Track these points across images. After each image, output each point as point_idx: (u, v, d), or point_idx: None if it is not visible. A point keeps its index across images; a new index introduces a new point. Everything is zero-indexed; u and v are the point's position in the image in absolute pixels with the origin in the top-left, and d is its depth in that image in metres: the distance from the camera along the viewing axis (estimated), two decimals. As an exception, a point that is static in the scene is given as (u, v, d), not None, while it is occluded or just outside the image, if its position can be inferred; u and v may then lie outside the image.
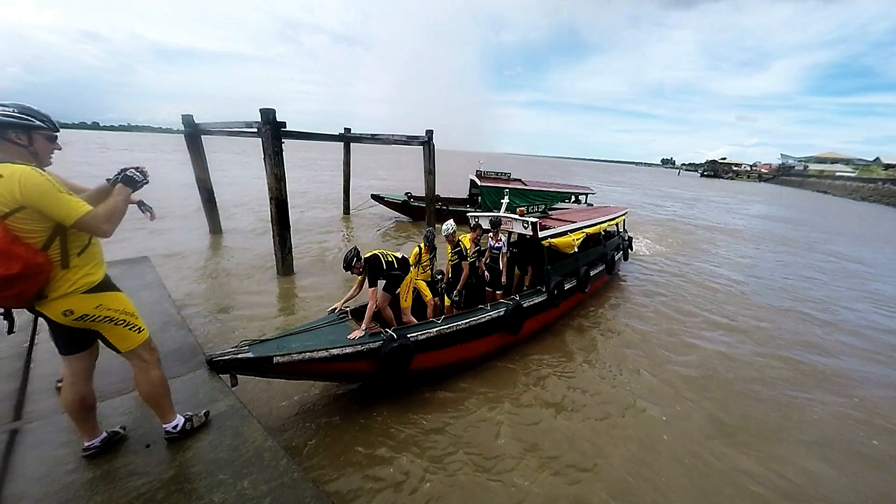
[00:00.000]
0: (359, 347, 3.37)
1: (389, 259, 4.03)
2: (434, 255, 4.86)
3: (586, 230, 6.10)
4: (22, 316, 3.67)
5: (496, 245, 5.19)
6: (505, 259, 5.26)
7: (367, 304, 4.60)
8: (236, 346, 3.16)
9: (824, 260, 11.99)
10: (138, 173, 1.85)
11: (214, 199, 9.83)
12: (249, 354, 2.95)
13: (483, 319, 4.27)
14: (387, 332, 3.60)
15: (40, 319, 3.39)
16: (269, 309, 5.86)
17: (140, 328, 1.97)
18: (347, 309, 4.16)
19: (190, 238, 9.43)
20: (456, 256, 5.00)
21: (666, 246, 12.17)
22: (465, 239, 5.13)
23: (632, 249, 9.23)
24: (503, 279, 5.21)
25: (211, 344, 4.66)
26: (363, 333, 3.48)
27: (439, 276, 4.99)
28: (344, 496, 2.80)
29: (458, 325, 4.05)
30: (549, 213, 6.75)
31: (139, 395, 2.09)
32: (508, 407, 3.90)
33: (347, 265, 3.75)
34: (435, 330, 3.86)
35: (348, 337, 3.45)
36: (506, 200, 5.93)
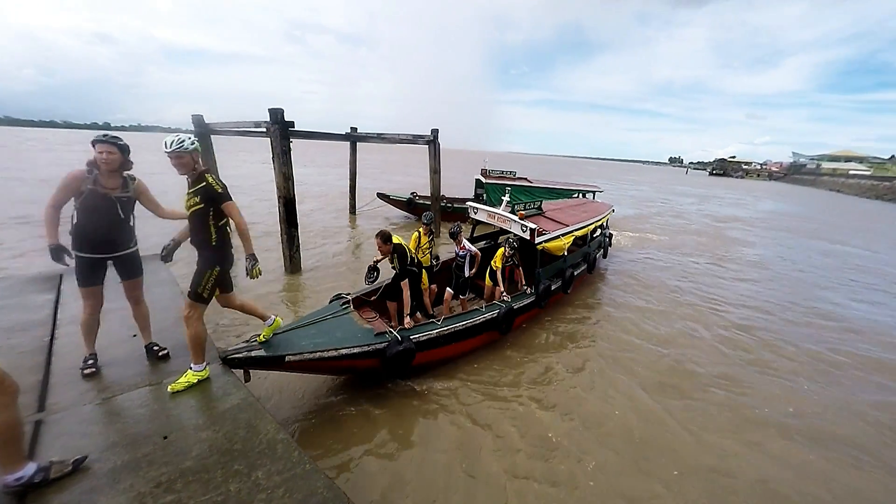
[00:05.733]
0: (365, 348, 3.51)
1: (411, 255, 4.19)
2: (433, 240, 4.94)
3: (576, 233, 6.32)
4: (42, 311, 3.78)
5: (462, 252, 4.98)
6: (478, 263, 5.10)
7: (367, 292, 4.62)
8: (247, 342, 3.24)
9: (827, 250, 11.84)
10: None
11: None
12: (262, 353, 3.05)
13: (479, 321, 4.46)
14: (391, 332, 3.74)
15: (60, 314, 3.50)
16: (278, 306, 5.96)
17: None
18: (349, 298, 4.27)
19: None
20: (511, 261, 5.09)
21: (671, 237, 12.11)
22: (413, 240, 4.84)
23: (611, 245, 9.73)
24: (468, 292, 5.14)
25: (222, 339, 4.75)
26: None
27: (435, 262, 5.06)
28: (353, 486, 2.85)
29: (455, 326, 4.23)
30: (543, 209, 6.90)
31: None
32: (502, 395, 3.97)
33: (385, 239, 3.97)
34: (435, 332, 4.05)
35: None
36: (506, 198, 5.96)
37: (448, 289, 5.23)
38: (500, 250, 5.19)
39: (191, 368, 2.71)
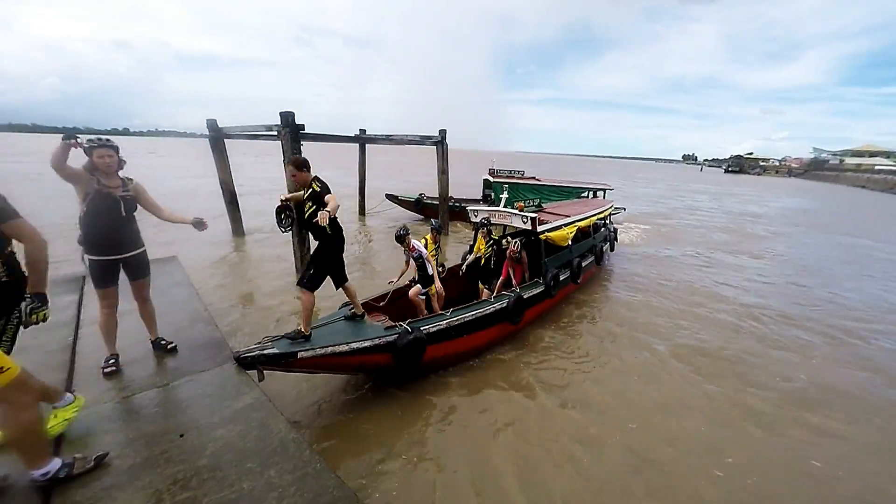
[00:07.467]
0: (377, 341, 3.54)
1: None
2: (439, 247, 5.06)
3: (578, 223, 6.42)
4: (67, 312, 3.92)
5: (415, 255, 4.68)
6: (434, 261, 4.88)
7: (375, 297, 4.64)
8: (259, 343, 3.29)
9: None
10: None
11: (237, 202, 10.18)
12: (275, 350, 3.10)
13: (488, 311, 4.46)
14: (401, 325, 3.75)
15: (83, 314, 3.61)
16: (289, 307, 6.04)
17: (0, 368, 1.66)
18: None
19: (213, 240, 9.79)
20: (490, 250, 5.24)
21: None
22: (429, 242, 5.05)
23: (617, 240, 9.69)
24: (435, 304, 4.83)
25: (236, 340, 4.85)
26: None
27: (440, 269, 5.13)
28: (363, 487, 2.87)
29: (465, 316, 4.24)
30: (543, 206, 7.10)
31: (3, 437, 1.85)
32: (510, 404, 3.92)
33: (300, 166, 3.16)
34: (445, 322, 4.06)
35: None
36: (505, 195, 6.26)
37: (416, 286, 4.84)
38: (478, 236, 5.30)
39: None
